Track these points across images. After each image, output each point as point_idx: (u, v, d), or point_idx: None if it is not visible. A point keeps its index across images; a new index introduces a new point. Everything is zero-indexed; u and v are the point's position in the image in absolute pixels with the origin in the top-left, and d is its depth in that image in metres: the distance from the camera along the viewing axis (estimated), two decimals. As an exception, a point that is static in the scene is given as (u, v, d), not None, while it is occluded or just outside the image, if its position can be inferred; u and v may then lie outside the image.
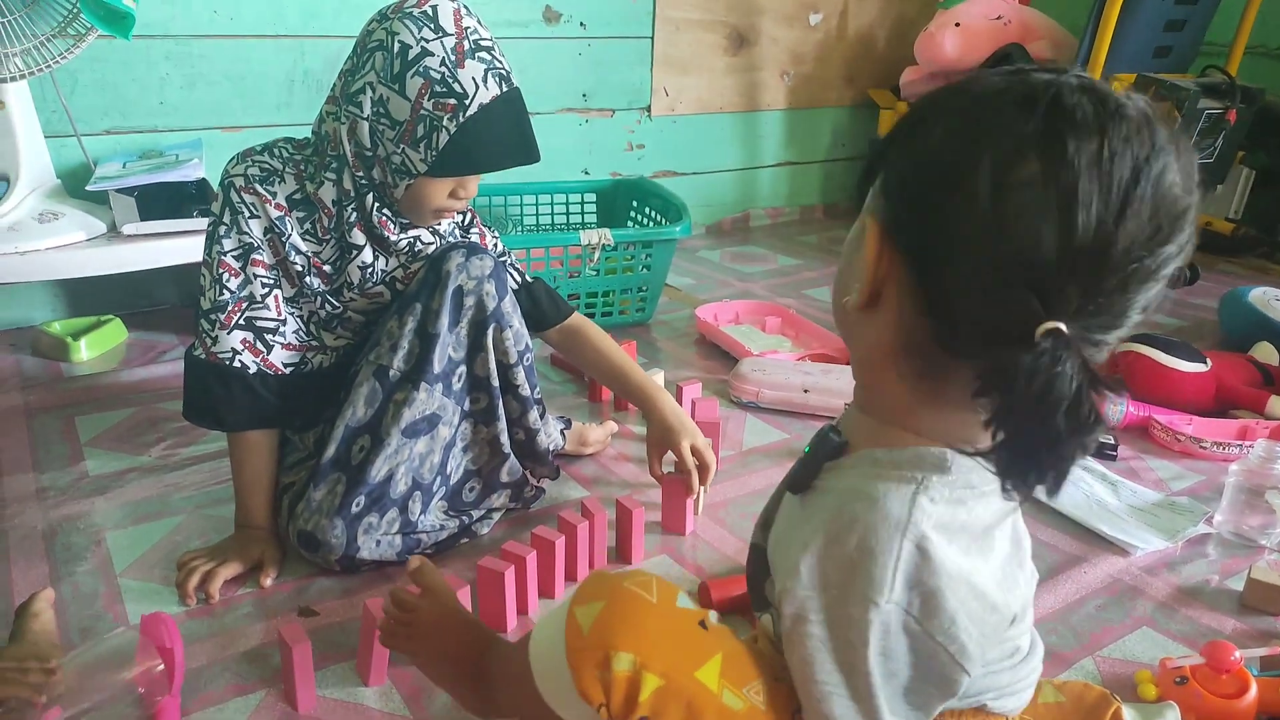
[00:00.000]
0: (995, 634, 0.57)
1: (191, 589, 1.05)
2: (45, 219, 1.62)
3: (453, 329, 1.10)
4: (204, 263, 1.09)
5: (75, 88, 1.79)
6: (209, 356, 1.08)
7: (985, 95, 0.51)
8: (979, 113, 0.50)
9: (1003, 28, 2.52)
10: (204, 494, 1.27)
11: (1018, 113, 0.48)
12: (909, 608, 0.54)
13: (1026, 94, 0.49)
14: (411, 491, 1.10)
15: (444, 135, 1.01)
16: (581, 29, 2.39)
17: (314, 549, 1.07)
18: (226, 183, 1.08)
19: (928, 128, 0.53)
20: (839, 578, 0.55)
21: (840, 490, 0.59)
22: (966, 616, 0.54)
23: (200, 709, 0.90)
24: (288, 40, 1.98)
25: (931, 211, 0.51)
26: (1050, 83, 0.49)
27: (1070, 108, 0.47)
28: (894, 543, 0.54)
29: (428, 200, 1.07)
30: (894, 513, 0.55)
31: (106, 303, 1.90)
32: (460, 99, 1.00)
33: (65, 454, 1.38)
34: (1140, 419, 1.53)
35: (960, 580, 0.54)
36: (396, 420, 1.08)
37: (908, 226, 0.53)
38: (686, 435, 1.20)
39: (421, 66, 0.99)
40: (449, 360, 1.11)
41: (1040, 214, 0.46)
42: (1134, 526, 1.23)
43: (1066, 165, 0.46)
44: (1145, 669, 0.97)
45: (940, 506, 0.55)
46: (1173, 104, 2.14)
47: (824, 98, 2.91)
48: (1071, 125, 0.47)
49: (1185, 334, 1.95)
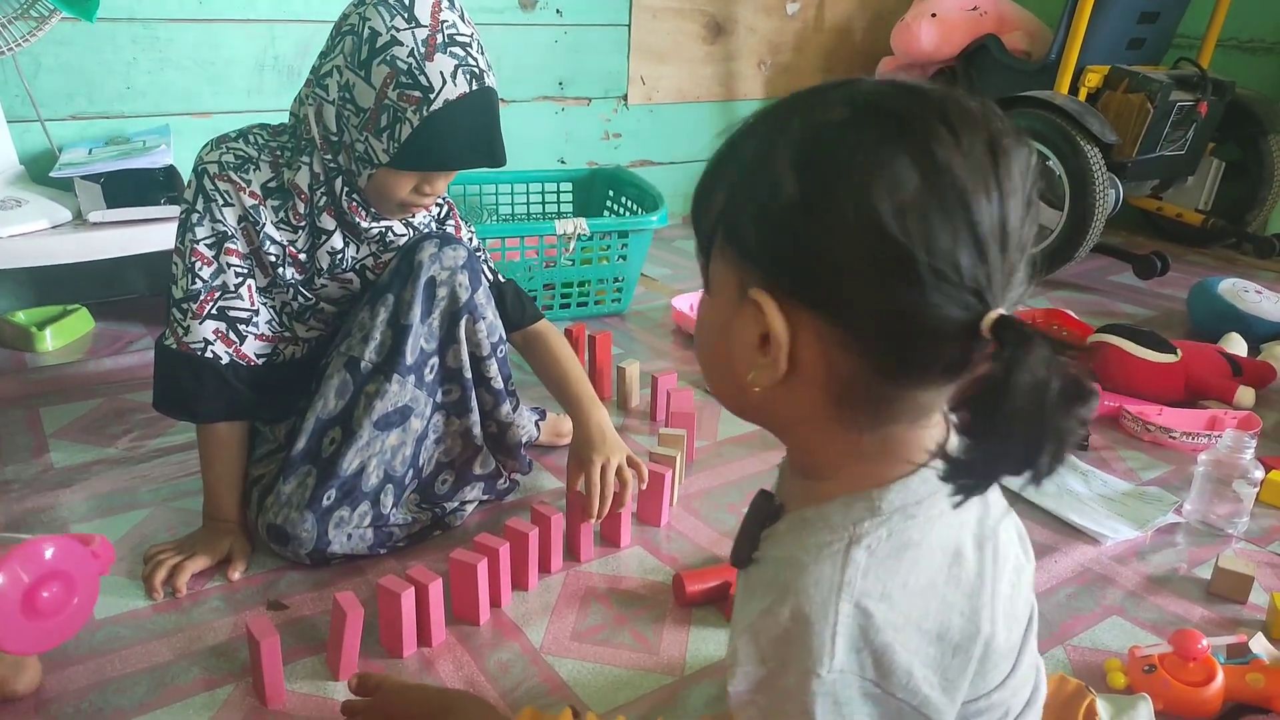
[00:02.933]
0: (963, 671, 0.52)
1: (159, 583, 1.04)
2: (8, 206, 1.59)
3: (425, 320, 1.09)
4: (176, 251, 1.07)
5: (39, 71, 1.75)
6: (180, 346, 1.07)
7: (819, 126, 0.48)
8: (826, 145, 0.47)
9: (978, 19, 2.53)
10: (171, 486, 1.26)
11: (864, 132, 0.46)
12: (863, 672, 0.49)
13: (858, 112, 0.47)
14: (383, 484, 1.09)
15: (407, 128, 0.98)
16: (558, 16, 2.37)
17: (284, 543, 1.06)
18: (200, 169, 1.06)
19: (771, 176, 0.48)
20: (775, 651, 0.50)
21: (775, 560, 0.54)
22: (923, 665, 0.50)
23: (168, 703, 0.88)
24: (258, 25, 1.95)
25: (828, 257, 0.46)
26: (869, 93, 0.48)
27: (904, 111, 0.46)
28: (829, 607, 0.49)
29: (391, 192, 1.04)
30: (826, 575, 0.50)
31: (73, 292, 1.87)
32: (425, 92, 0.97)
33: (29, 446, 1.36)
34: (1111, 409, 1.54)
35: (910, 630, 0.50)
36: (368, 412, 1.06)
37: (805, 282, 0.48)
38: (602, 454, 1.13)
39: (389, 55, 0.97)
40: (421, 352, 1.09)
41: (946, 219, 0.45)
42: (1104, 516, 1.24)
43: (943, 167, 0.45)
44: (1115, 658, 0.98)
45: (879, 554, 0.50)
46: (1145, 96, 2.16)
47: (801, 87, 2.89)
48: (922, 127, 0.45)
49: (1155, 324, 1.97)
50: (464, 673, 0.94)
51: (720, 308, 0.52)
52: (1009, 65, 2.45)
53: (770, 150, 0.48)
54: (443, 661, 0.95)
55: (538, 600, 1.06)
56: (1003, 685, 0.55)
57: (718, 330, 0.53)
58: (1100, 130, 2.11)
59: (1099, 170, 2.09)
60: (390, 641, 0.96)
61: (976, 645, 0.52)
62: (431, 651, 0.97)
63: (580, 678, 0.93)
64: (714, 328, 0.53)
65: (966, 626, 0.51)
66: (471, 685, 0.92)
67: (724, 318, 0.52)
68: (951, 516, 0.52)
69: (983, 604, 0.53)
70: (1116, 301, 2.20)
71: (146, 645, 0.96)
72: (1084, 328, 1.80)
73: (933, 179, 0.45)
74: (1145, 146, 2.20)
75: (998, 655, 0.53)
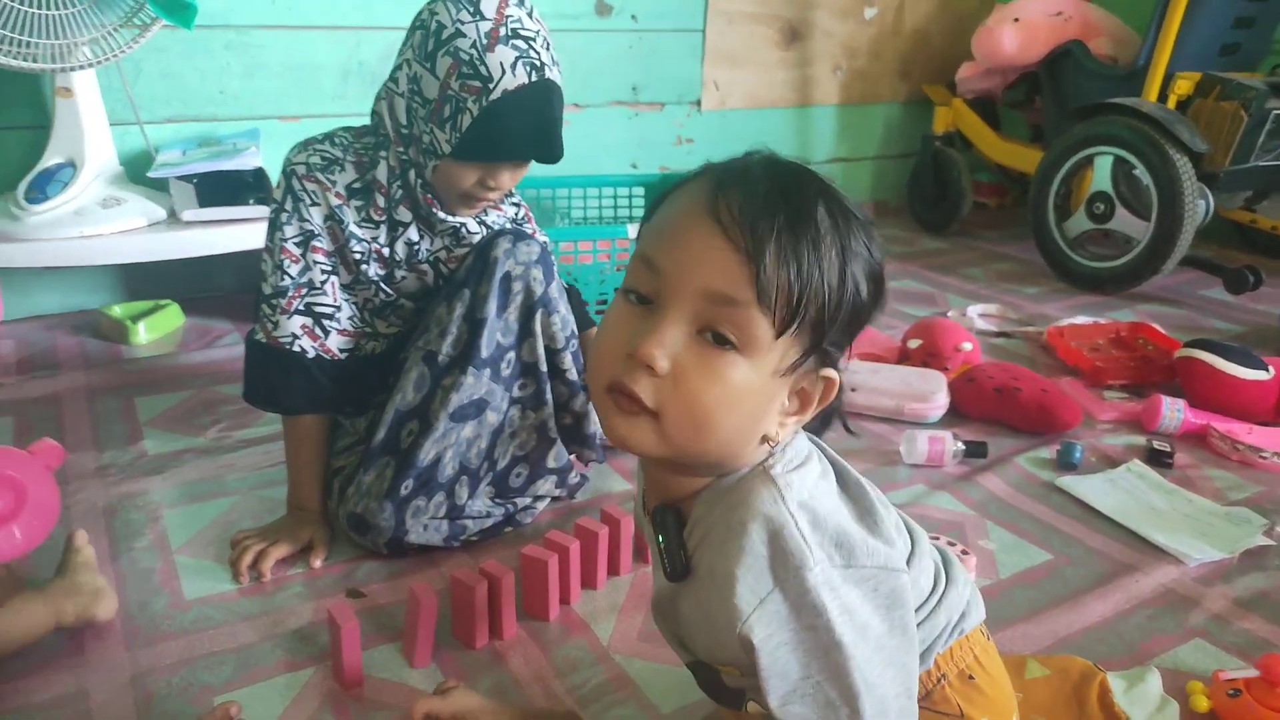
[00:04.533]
0: (882, 531, 0.64)
1: (244, 567, 1.08)
2: (109, 204, 1.66)
3: (501, 314, 1.11)
4: (265, 249, 1.12)
5: (139, 76, 1.83)
6: (269, 340, 1.11)
7: (835, 228, 0.58)
8: (836, 233, 0.58)
9: (1063, 24, 2.47)
10: (257, 475, 1.30)
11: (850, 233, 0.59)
12: (832, 560, 0.59)
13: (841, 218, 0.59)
14: (459, 475, 1.11)
15: (467, 118, 1.01)
16: (633, 22, 2.39)
17: (363, 531, 1.09)
18: (289, 170, 1.10)
19: (856, 286, 0.59)
20: (769, 575, 0.59)
21: (717, 525, 0.62)
22: (863, 536, 0.62)
23: (252, 683, 0.92)
24: (344, 31, 2.01)
25: (851, 323, 0.60)
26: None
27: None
28: (784, 512, 0.59)
29: (454, 184, 1.07)
30: (766, 493, 0.60)
31: (165, 288, 1.95)
32: (485, 82, 1.00)
33: (125, 433, 1.42)
34: (1198, 427, 1.49)
35: (839, 514, 0.62)
36: (444, 405, 1.09)
37: (836, 340, 0.60)
38: None
39: (452, 46, 1.00)
40: (497, 346, 1.12)
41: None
42: (1189, 536, 1.21)
43: (873, 254, 0.60)
44: (1197, 680, 0.95)
45: (789, 472, 0.62)
46: (1239, 104, 2.08)
47: (877, 93, 2.88)
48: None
49: (1246, 340, 1.90)
50: (533, 667, 0.95)
51: (763, 379, 0.58)
52: (1094, 71, 2.38)
53: (851, 267, 0.59)
54: (513, 654, 0.97)
55: (606, 599, 1.07)
56: (914, 558, 0.68)
57: (755, 394, 0.58)
58: (1190, 139, 2.04)
59: (1188, 180, 2.03)
60: (463, 632, 0.98)
61: (866, 493, 0.65)
62: (503, 644, 0.98)
63: (647, 677, 0.94)
64: (751, 393, 0.58)
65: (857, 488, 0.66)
66: (541, 679, 0.94)
67: (768, 387, 0.59)
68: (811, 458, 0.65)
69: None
70: (1206, 316, 2.12)
71: (233, 626, 1.00)
72: (1171, 342, 1.74)
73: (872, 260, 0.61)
74: (1238, 156, 2.12)
75: (884, 507, 0.66)
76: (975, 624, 0.73)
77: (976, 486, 1.34)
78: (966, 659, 0.71)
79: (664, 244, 0.59)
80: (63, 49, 1.58)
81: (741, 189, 0.57)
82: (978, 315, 2.06)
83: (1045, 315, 2.06)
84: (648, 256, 0.59)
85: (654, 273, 0.58)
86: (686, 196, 0.59)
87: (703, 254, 0.56)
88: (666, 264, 0.58)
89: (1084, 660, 0.91)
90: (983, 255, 2.59)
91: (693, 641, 0.69)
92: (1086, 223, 2.27)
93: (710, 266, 0.56)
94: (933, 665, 0.69)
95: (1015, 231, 2.75)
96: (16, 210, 1.61)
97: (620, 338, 0.59)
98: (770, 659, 0.59)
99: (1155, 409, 1.50)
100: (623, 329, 0.59)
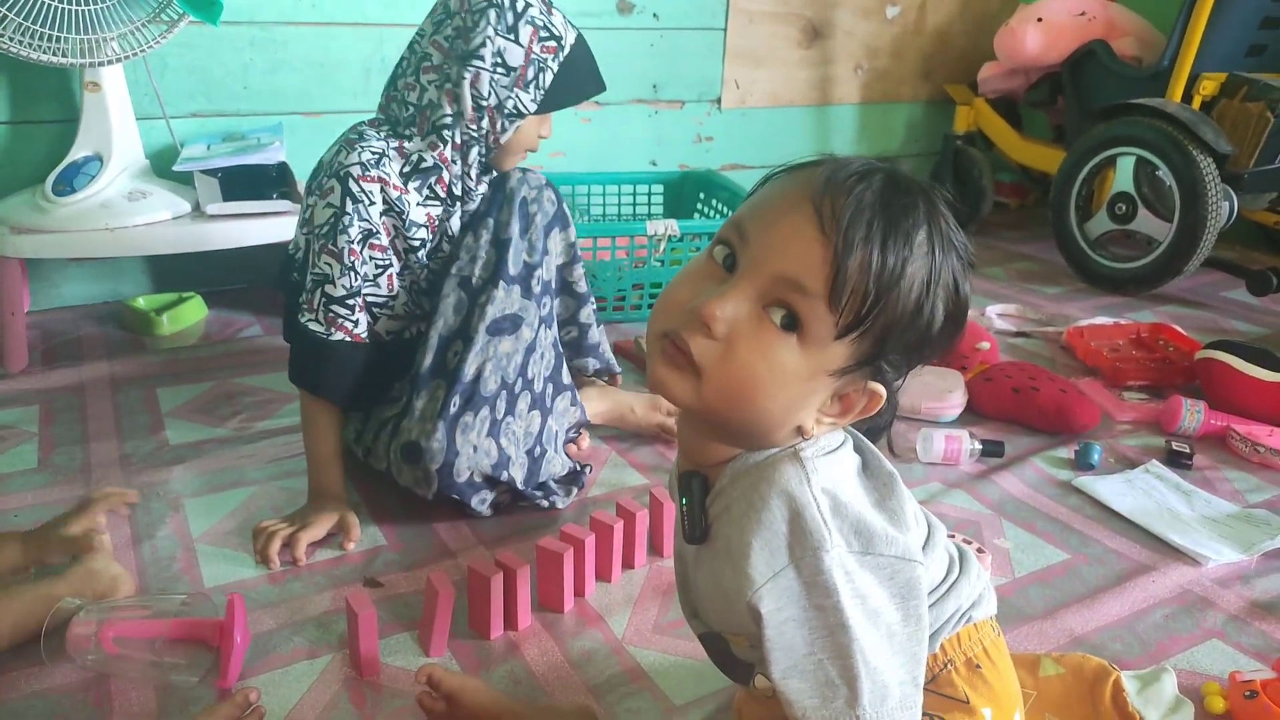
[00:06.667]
0: (903, 520, 0.64)
1: (274, 553, 1.09)
2: (135, 197, 1.68)
3: (524, 235, 1.23)
4: (328, 251, 1.13)
5: (165, 71, 1.85)
6: (351, 337, 1.15)
7: (929, 255, 0.59)
8: (928, 260, 0.59)
9: (1087, 24, 2.46)
10: (277, 466, 1.32)
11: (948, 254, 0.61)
12: (850, 546, 0.60)
13: (928, 235, 0.59)
14: (499, 391, 1.15)
15: (549, 75, 1.18)
16: (654, 20, 2.39)
17: (416, 459, 1.11)
18: (343, 174, 1.12)
19: (933, 313, 0.60)
20: (786, 551, 0.60)
21: (739, 498, 0.63)
22: (883, 525, 0.62)
23: (271, 669, 0.93)
24: (368, 29, 2.03)
25: (916, 348, 0.62)
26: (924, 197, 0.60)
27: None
28: (807, 492, 0.60)
29: (529, 139, 1.22)
30: (792, 473, 0.61)
31: (188, 280, 1.97)
32: (559, 40, 1.18)
33: (147, 423, 1.44)
34: (1218, 428, 1.48)
35: (860, 502, 0.63)
36: (482, 318, 1.16)
37: (896, 360, 0.62)
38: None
39: (529, 16, 1.15)
40: (524, 265, 1.22)
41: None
42: (1206, 537, 1.20)
43: (959, 290, 0.62)
44: (1213, 681, 0.94)
45: (823, 455, 0.63)
46: (1266, 105, 2.06)
47: (898, 92, 2.87)
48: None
49: (1268, 343, 1.88)
50: (548, 658, 0.96)
51: (811, 371, 0.59)
52: (1118, 72, 2.37)
53: (932, 296, 0.60)
54: (528, 645, 0.98)
55: (620, 592, 1.07)
56: (929, 547, 0.68)
57: (799, 383, 0.60)
58: (1214, 139, 2.02)
59: (1212, 181, 2.01)
60: (478, 623, 0.99)
61: (896, 483, 0.66)
62: (518, 635, 0.99)
63: (661, 669, 0.95)
64: (795, 380, 0.59)
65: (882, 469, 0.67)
66: (555, 670, 0.94)
67: (813, 381, 0.60)
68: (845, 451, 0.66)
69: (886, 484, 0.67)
70: (1228, 318, 2.10)
71: (252, 614, 1.01)
72: (1191, 344, 1.73)
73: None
74: (1264, 157, 2.10)
75: (909, 499, 0.67)
76: (985, 615, 0.73)
77: (993, 485, 1.33)
78: (974, 648, 0.71)
79: (759, 216, 0.60)
80: (92, 44, 1.60)
81: (851, 188, 0.57)
82: (996, 315, 2.05)
83: (1065, 315, 2.04)
84: (742, 222, 0.60)
85: (743, 239, 0.60)
86: (799, 179, 0.60)
87: (791, 237, 0.58)
88: (755, 236, 0.59)
89: (1099, 659, 0.91)
90: (1003, 255, 2.58)
91: (705, 610, 0.71)
92: (1108, 223, 2.25)
93: (794, 251, 0.57)
94: (939, 650, 0.70)
95: (1036, 231, 2.74)
96: (44, 202, 1.63)
97: (690, 292, 0.61)
98: (776, 632, 0.60)
99: (1175, 410, 1.49)
100: (696, 284, 0.61)
